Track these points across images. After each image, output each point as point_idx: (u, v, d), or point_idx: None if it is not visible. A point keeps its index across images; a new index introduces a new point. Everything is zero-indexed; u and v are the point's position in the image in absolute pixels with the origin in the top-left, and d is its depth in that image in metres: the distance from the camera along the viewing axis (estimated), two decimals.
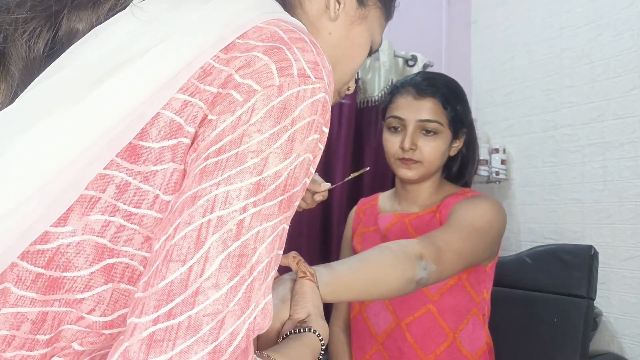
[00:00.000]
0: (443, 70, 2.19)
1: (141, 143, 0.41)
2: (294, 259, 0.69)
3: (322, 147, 0.46)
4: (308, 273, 0.66)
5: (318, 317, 0.62)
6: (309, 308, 0.63)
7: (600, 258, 1.40)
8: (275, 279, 0.70)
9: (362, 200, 1.31)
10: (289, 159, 0.41)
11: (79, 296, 0.40)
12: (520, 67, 2.10)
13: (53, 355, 0.41)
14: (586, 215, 1.82)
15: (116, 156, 0.41)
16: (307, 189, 0.97)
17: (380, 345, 1.10)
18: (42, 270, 0.39)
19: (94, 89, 0.40)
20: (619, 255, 1.71)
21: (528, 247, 1.57)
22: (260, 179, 0.39)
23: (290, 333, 0.59)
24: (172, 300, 0.35)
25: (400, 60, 2.00)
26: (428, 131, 1.08)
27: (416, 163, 1.09)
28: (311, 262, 0.74)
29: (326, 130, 0.46)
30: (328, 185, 0.90)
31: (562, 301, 1.34)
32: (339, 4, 0.62)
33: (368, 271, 0.76)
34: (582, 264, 1.34)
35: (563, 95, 1.93)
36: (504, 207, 1.10)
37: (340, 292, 0.72)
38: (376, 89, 1.89)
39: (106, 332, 0.42)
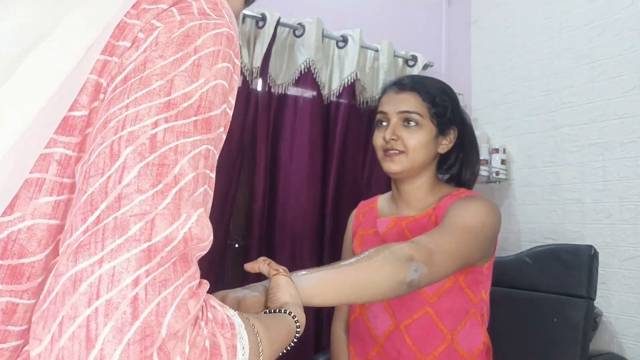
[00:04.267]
0: (443, 71, 2.20)
1: (72, 114, 0.40)
2: (264, 262, 0.70)
3: (237, 78, 0.47)
4: (280, 270, 0.68)
5: (296, 305, 0.62)
6: (286, 297, 0.63)
7: (600, 258, 1.40)
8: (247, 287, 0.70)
9: (362, 203, 1.32)
10: (197, 82, 0.41)
11: (39, 280, 0.39)
12: (520, 67, 2.10)
13: (25, 345, 0.40)
14: (586, 215, 1.82)
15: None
16: None
17: (380, 347, 1.11)
18: (0, 262, 0.38)
19: (15, 69, 0.38)
20: (619, 255, 1.72)
21: (528, 247, 1.56)
22: (170, 99, 0.39)
23: (267, 312, 0.59)
24: (96, 209, 0.35)
25: (400, 61, 2.01)
26: (409, 122, 1.11)
27: (399, 154, 1.11)
28: (307, 264, 0.75)
29: (238, 62, 0.47)
30: None
31: (562, 301, 1.34)
32: None
33: (357, 273, 0.77)
34: (582, 264, 1.34)
35: (563, 96, 1.93)
36: (504, 207, 1.10)
37: (328, 294, 0.72)
38: (375, 89, 1.89)
39: None
